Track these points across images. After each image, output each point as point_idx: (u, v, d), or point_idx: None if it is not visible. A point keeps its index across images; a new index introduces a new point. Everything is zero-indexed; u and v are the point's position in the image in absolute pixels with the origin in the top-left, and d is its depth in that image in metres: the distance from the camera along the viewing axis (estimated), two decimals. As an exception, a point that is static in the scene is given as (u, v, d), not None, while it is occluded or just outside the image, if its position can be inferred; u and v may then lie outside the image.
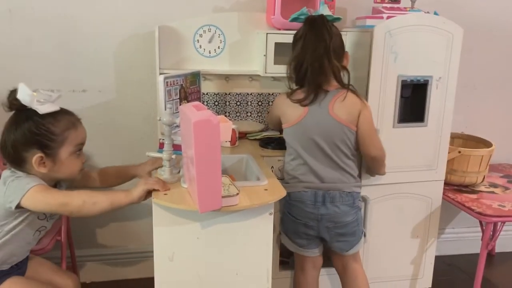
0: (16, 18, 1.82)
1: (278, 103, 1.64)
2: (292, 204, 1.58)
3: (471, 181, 2.02)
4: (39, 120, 1.23)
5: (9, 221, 1.26)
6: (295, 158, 1.58)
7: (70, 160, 1.29)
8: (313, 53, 1.48)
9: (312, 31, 1.49)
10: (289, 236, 1.64)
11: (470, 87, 2.30)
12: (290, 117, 1.56)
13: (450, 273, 2.31)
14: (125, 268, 2.16)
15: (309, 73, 1.50)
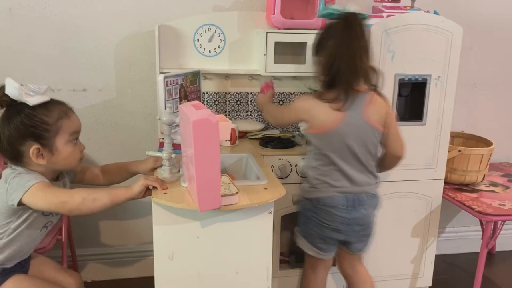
0: (16, 17, 1.82)
1: (305, 106, 1.50)
2: (320, 209, 1.50)
3: (471, 180, 2.02)
4: (30, 112, 1.23)
5: (14, 219, 1.26)
6: (327, 164, 1.49)
7: (67, 149, 1.28)
8: (348, 51, 1.41)
9: (347, 29, 1.41)
10: (311, 240, 1.55)
11: (470, 85, 2.30)
12: (322, 123, 1.46)
13: (450, 272, 2.31)
14: (125, 267, 2.17)
15: (342, 72, 1.42)
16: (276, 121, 1.75)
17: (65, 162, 1.30)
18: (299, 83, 2.03)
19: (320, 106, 1.46)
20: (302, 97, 1.61)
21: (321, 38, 1.48)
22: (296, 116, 1.56)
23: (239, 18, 1.91)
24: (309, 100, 1.49)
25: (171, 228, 1.23)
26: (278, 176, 1.74)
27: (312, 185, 1.53)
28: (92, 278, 2.13)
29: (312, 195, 1.51)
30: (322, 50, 1.46)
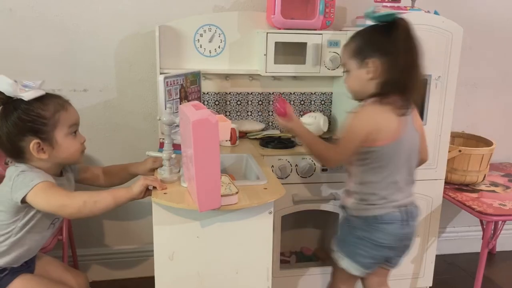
0: (17, 17, 1.82)
1: (369, 120, 1.33)
2: (376, 227, 1.37)
3: (471, 180, 2.02)
4: (27, 107, 1.23)
5: (21, 217, 1.27)
6: (385, 177, 1.36)
7: (67, 141, 1.28)
8: (410, 53, 1.31)
9: (406, 31, 1.31)
10: (359, 261, 1.41)
11: (470, 86, 2.30)
12: (388, 133, 1.32)
13: (451, 272, 2.31)
14: (125, 267, 2.17)
15: (417, 78, 1.33)
16: (333, 161, 1.42)
17: (66, 155, 1.30)
18: (299, 83, 2.03)
19: (383, 112, 1.32)
20: (356, 113, 1.36)
21: (373, 39, 1.35)
22: (361, 138, 1.32)
23: (240, 18, 1.92)
24: (369, 111, 1.34)
25: (171, 228, 1.23)
26: (278, 176, 1.74)
27: (368, 202, 1.38)
28: (93, 278, 2.13)
29: (368, 213, 1.38)
30: (377, 51, 1.31)
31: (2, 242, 1.27)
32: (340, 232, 1.50)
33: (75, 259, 2.03)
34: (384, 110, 1.32)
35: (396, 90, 1.32)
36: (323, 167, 1.72)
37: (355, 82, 1.39)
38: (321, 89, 2.07)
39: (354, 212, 1.41)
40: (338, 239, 1.49)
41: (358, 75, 1.36)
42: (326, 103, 2.09)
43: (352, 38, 1.40)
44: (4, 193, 1.25)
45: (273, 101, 1.57)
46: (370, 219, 1.38)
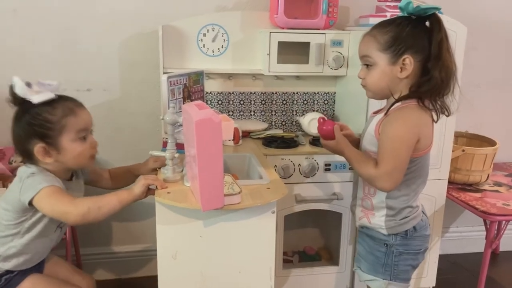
0: (21, 17, 1.83)
1: (417, 121, 1.20)
2: (414, 238, 1.30)
3: (475, 179, 2.01)
4: (35, 111, 1.23)
5: (28, 217, 1.27)
6: (416, 187, 1.29)
7: (74, 147, 1.27)
8: (447, 54, 1.19)
9: (442, 29, 1.20)
10: (405, 278, 1.34)
11: (474, 85, 2.29)
12: (427, 141, 1.23)
13: (454, 271, 2.30)
14: (129, 267, 2.18)
15: (455, 80, 1.22)
16: (387, 183, 1.20)
17: (73, 160, 1.29)
18: (302, 82, 2.03)
19: (425, 118, 1.22)
20: (398, 119, 1.20)
21: (413, 32, 1.20)
22: (411, 148, 1.19)
23: (243, 18, 1.92)
24: (413, 115, 1.20)
25: (174, 228, 1.23)
26: (281, 176, 1.74)
27: (402, 216, 1.28)
28: (96, 277, 2.13)
29: (406, 227, 1.29)
30: (417, 47, 1.19)
31: (10, 243, 1.28)
32: (372, 259, 1.34)
33: (78, 258, 2.04)
34: (425, 116, 1.21)
35: (434, 94, 1.20)
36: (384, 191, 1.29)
37: (381, 79, 1.23)
38: (324, 89, 2.07)
39: (385, 230, 1.29)
40: (371, 267, 1.34)
41: (387, 72, 1.22)
42: (329, 102, 2.09)
43: (381, 27, 1.23)
44: (13, 193, 1.25)
45: (318, 123, 1.37)
46: (410, 231, 1.29)
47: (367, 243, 1.35)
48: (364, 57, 1.26)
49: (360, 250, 1.39)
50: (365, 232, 1.36)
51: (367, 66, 1.26)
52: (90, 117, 1.33)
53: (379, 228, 1.30)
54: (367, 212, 1.33)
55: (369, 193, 1.31)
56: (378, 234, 1.31)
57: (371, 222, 1.32)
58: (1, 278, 1.30)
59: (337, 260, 1.92)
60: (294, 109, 2.07)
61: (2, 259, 1.29)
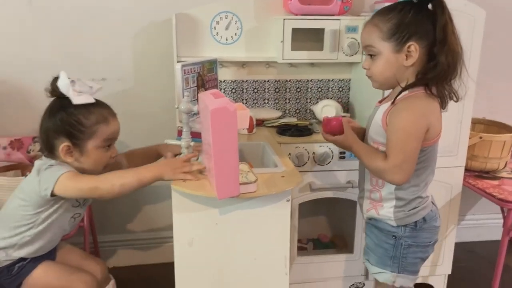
0: (36, 9, 1.84)
1: (426, 110, 1.17)
2: (423, 229, 1.27)
3: (492, 167, 1.98)
4: (71, 111, 1.26)
5: (46, 209, 1.30)
6: (426, 177, 1.26)
7: (97, 153, 1.30)
8: (454, 37, 1.15)
9: (447, 11, 1.15)
10: (413, 270, 1.32)
11: (492, 71, 2.24)
12: (436, 130, 1.19)
13: (471, 260, 2.29)
14: (146, 253, 2.21)
15: (461, 66, 1.18)
16: (397, 175, 1.17)
17: (91, 165, 1.32)
18: (317, 69, 2.02)
19: (434, 107, 1.18)
20: (407, 109, 1.16)
21: (416, 18, 1.15)
22: (420, 138, 1.17)
23: (256, 5, 1.90)
24: (422, 104, 1.17)
25: (190, 215, 1.24)
26: (295, 164, 1.74)
27: (412, 206, 1.26)
28: (114, 263, 2.17)
29: (415, 218, 1.26)
30: (421, 33, 1.15)
31: (25, 232, 1.31)
32: (380, 251, 1.31)
33: (96, 245, 2.08)
34: (433, 104, 1.18)
35: (441, 80, 1.16)
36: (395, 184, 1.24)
37: (387, 68, 1.20)
38: (339, 76, 2.05)
39: (394, 222, 1.26)
40: (379, 259, 1.32)
41: (392, 60, 1.18)
42: (344, 90, 2.07)
43: (383, 14, 1.19)
44: (31, 186, 1.28)
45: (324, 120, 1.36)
46: (419, 223, 1.26)
47: (375, 235, 1.33)
48: (367, 47, 1.23)
49: (369, 243, 1.37)
50: (373, 224, 1.34)
51: (371, 56, 1.23)
52: (119, 127, 1.36)
53: (387, 220, 1.28)
54: (376, 204, 1.30)
55: (377, 185, 1.29)
56: (386, 226, 1.29)
57: (380, 214, 1.29)
58: (14, 265, 1.33)
59: (352, 248, 1.92)
60: (308, 97, 2.06)
61: (17, 247, 1.32)
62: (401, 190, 1.24)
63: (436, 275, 1.99)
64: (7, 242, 1.32)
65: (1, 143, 1.83)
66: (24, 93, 1.89)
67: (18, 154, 1.84)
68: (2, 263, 1.33)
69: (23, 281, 1.33)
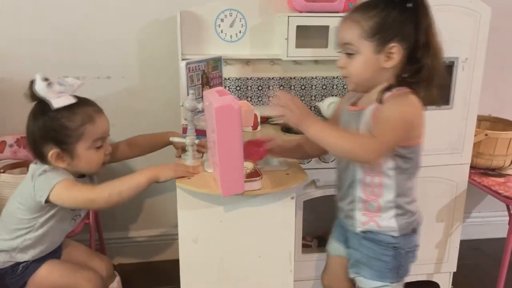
0: (41, 6, 1.85)
1: (418, 105, 1.12)
2: (416, 233, 1.26)
3: (498, 164, 1.98)
4: (54, 115, 1.21)
5: (43, 213, 1.29)
6: (416, 178, 1.23)
7: (88, 154, 1.27)
8: (434, 36, 1.13)
9: (428, 10, 1.11)
10: (405, 275, 1.27)
11: (498, 68, 2.23)
12: (423, 128, 1.17)
13: (476, 257, 2.28)
14: (151, 250, 2.22)
15: (431, 63, 1.12)
16: (372, 152, 1.08)
17: (86, 167, 1.29)
18: (321, 67, 2.01)
19: (421, 104, 1.13)
20: (399, 101, 1.11)
21: (399, 17, 1.10)
22: (409, 127, 1.12)
23: (260, 2, 1.89)
24: (415, 102, 1.11)
25: (195, 213, 1.25)
26: (300, 161, 1.74)
27: (411, 212, 1.22)
28: (119, 260, 2.19)
29: (414, 224, 1.24)
30: (403, 34, 1.10)
31: (25, 235, 1.30)
32: (378, 264, 1.23)
33: (101, 242, 2.09)
34: (420, 103, 1.13)
35: (426, 83, 1.12)
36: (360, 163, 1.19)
37: (365, 69, 1.13)
38: (343, 73, 2.04)
39: (398, 232, 1.20)
40: (378, 273, 1.23)
41: (372, 61, 1.12)
42: (349, 87, 2.06)
43: (365, 11, 1.12)
44: (26, 192, 1.26)
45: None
46: (416, 228, 1.24)
47: (371, 249, 1.23)
48: (345, 44, 1.15)
49: (360, 257, 1.26)
50: (368, 238, 1.23)
51: (348, 55, 1.15)
52: (107, 124, 1.31)
53: (390, 231, 1.20)
54: (373, 215, 1.21)
55: (373, 194, 1.19)
56: (386, 238, 1.20)
57: (381, 226, 1.20)
58: (18, 265, 1.33)
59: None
60: (312, 94, 2.06)
61: (19, 250, 1.32)
62: (401, 196, 1.18)
63: (441, 273, 1.98)
64: (8, 244, 1.31)
65: (7, 140, 1.84)
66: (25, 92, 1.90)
67: (24, 151, 1.85)
68: (6, 264, 1.33)
69: (28, 280, 1.34)
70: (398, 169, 1.16)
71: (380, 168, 1.16)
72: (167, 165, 1.23)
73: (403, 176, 1.18)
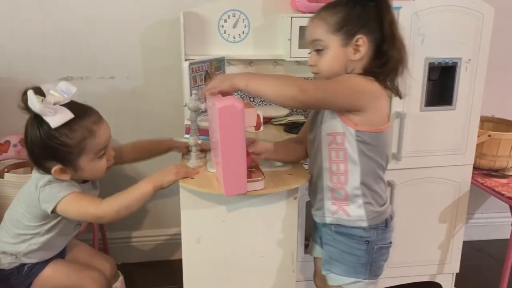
0: (46, 7, 1.86)
1: (373, 90, 1.13)
2: (389, 229, 1.24)
3: (501, 165, 1.97)
4: (52, 134, 1.17)
5: (48, 221, 1.29)
6: (383, 165, 1.21)
7: (92, 165, 1.25)
8: (395, 27, 1.16)
9: None
10: (379, 273, 1.25)
11: (501, 68, 2.23)
12: (385, 117, 1.17)
13: (479, 258, 2.28)
14: (154, 250, 2.23)
15: (397, 54, 1.15)
16: (305, 91, 1.06)
17: (89, 176, 1.30)
18: (324, 68, 2.01)
19: (384, 94, 1.15)
20: (359, 77, 1.14)
21: (363, 10, 1.14)
22: (356, 98, 1.11)
23: (263, 3, 1.90)
24: (375, 83, 1.13)
25: (198, 212, 1.25)
26: (303, 161, 1.74)
27: (380, 204, 1.21)
28: (122, 260, 2.19)
29: (385, 215, 1.22)
30: (369, 25, 1.13)
31: (30, 240, 1.31)
32: (351, 259, 1.22)
33: (105, 242, 2.09)
34: (384, 92, 1.15)
35: (392, 75, 1.16)
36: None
37: (335, 63, 1.16)
38: (346, 74, 2.04)
39: (367, 222, 1.19)
40: (351, 268, 1.22)
41: (340, 54, 1.14)
42: (351, 87, 2.06)
43: (329, 8, 1.17)
44: (30, 201, 1.26)
45: None
46: (387, 222, 1.22)
47: (344, 243, 1.22)
48: (314, 41, 1.18)
49: (333, 252, 1.25)
50: (340, 232, 1.22)
51: (317, 52, 1.18)
52: (108, 131, 1.28)
53: (359, 221, 1.19)
54: (341, 203, 1.20)
55: (340, 182, 1.19)
56: (357, 231, 1.20)
57: (351, 215, 1.19)
58: (23, 266, 1.34)
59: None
60: (315, 95, 2.06)
61: (23, 254, 1.32)
62: (365, 182, 1.17)
63: (444, 274, 1.98)
64: (13, 248, 1.32)
65: (11, 140, 1.85)
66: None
67: (28, 151, 1.86)
68: (12, 265, 1.34)
69: (33, 281, 1.34)
70: (362, 155, 1.15)
71: (345, 153, 1.15)
72: (167, 168, 1.23)
73: (369, 164, 1.16)
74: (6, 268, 1.34)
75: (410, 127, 1.72)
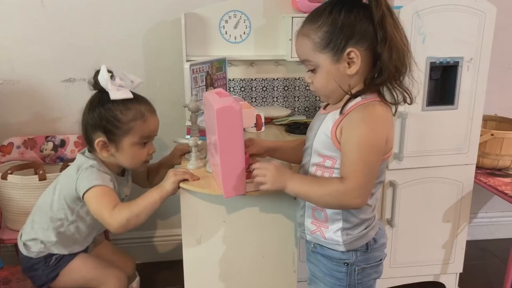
0: (48, 9, 1.87)
1: (385, 120, 1.02)
2: (375, 249, 1.14)
3: (504, 164, 1.96)
4: (109, 106, 1.26)
5: (78, 208, 1.32)
6: (378, 191, 1.14)
7: (132, 150, 1.30)
8: (397, 34, 1.00)
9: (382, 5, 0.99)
10: None
11: (504, 67, 2.22)
12: (392, 141, 1.07)
13: (483, 257, 2.27)
14: (156, 251, 2.23)
15: (409, 61, 1.03)
16: (355, 199, 1.01)
17: (126, 161, 1.32)
18: (325, 68, 2.01)
19: (390, 116, 1.04)
20: (364, 118, 1.00)
21: (349, 20, 1.00)
22: (382, 151, 1.02)
23: (265, 3, 1.90)
24: (380, 113, 1.02)
25: (198, 213, 1.26)
26: (305, 161, 1.74)
27: (362, 229, 1.10)
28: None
29: (365, 240, 1.11)
30: (359, 35, 1.00)
31: (60, 228, 1.34)
32: (332, 281, 1.14)
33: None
34: (390, 113, 1.04)
35: (390, 81, 1.03)
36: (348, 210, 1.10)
37: (329, 81, 1.05)
38: (348, 74, 2.04)
39: (343, 247, 1.10)
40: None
41: (333, 72, 1.03)
42: (353, 87, 2.06)
43: (312, 22, 1.05)
44: (68, 180, 1.30)
45: None
46: (369, 245, 1.12)
47: (323, 264, 1.15)
48: (304, 61, 1.09)
49: (316, 271, 1.19)
50: (319, 252, 1.15)
51: (311, 70, 1.09)
52: (157, 125, 1.35)
53: (335, 245, 1.11)
54: (320, 225, 1.12)
55: None
56: (335, 254, 1.12)
57: (326, 237, 1.11)
58: (51, 256, 1.37)
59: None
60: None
61: (53, 244, 1.35)
62: (350, 211, 1.08)
63: (447, 273, 1.97)
64: (44, 235, 1.35)
65: (15, 142, 1.87)
66: (38, 93, 1.93)
67: (31, 153, 1.88)
68: (40, 254, 1.36)
69: (60, 272, 1.37)
70: None
71: (332, 175, 1.07)
72: (167, 174, 1.25)
73: None
74: (34, 257, 1.36)
75: (412, 127, 1.71)
